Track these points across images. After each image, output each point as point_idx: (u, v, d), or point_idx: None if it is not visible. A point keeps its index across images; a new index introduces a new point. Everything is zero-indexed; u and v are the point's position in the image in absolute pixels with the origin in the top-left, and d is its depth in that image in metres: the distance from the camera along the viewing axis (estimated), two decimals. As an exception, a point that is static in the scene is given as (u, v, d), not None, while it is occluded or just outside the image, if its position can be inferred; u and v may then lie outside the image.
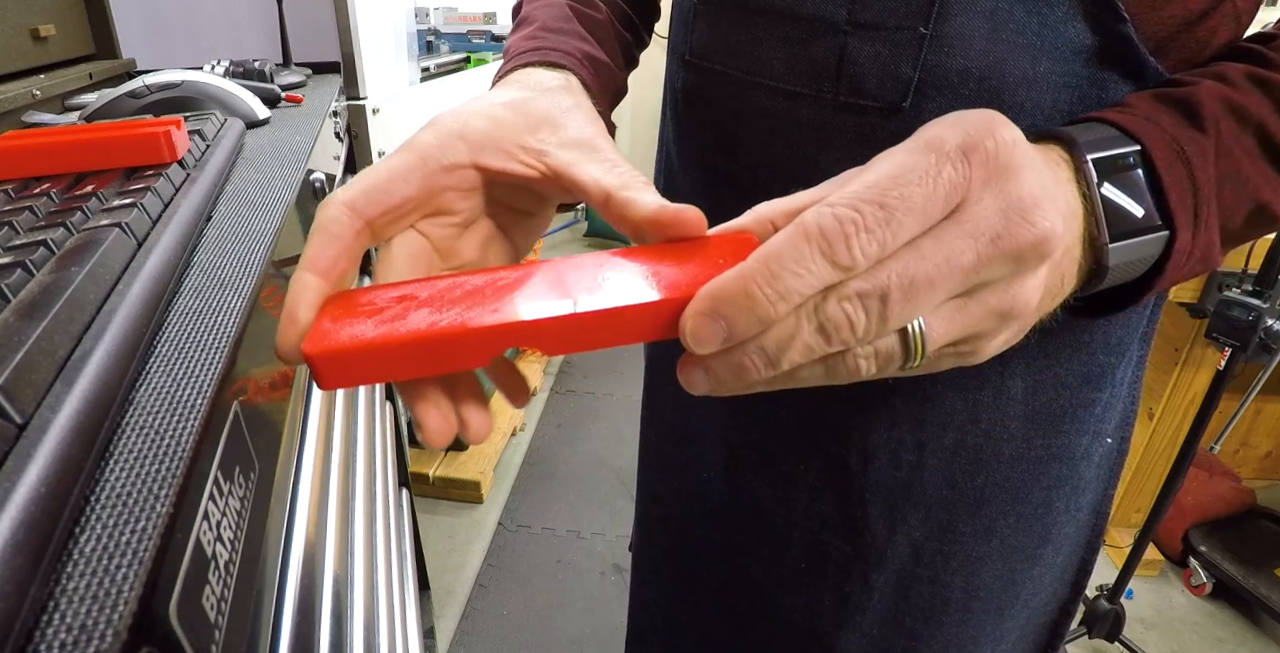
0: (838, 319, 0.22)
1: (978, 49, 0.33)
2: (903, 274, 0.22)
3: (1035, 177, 0.23)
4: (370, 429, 0.62)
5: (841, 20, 0.35)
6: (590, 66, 0.38)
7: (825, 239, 0.21)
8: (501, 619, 1.40)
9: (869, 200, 0.22)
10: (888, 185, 0.22)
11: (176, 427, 0.24)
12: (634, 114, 3.11)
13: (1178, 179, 0.28)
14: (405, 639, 0.63)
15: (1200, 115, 0.29)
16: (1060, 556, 0.48)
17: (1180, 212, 0.28)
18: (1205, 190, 0.29)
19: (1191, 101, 0.30)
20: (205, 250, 0.39)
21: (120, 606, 0.17)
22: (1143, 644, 1.36)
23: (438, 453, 1.72)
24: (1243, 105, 0.30)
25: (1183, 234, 0.28)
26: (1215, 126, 0.29)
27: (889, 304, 0.22)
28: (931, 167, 0.22)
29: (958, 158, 0.22)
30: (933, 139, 0.23)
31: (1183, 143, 0.29)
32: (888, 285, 0.22)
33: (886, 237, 0.22)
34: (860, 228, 0.21)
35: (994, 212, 0.23)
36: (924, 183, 0.22)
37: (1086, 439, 0.43)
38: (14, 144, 0.45)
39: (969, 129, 0.23)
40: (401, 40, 1.20)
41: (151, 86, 0.72)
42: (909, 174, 0.22)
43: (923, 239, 0.22)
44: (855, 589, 0.46)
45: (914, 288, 0.22)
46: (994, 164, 0.23)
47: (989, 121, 0.23)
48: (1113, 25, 0.32)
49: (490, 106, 0.30)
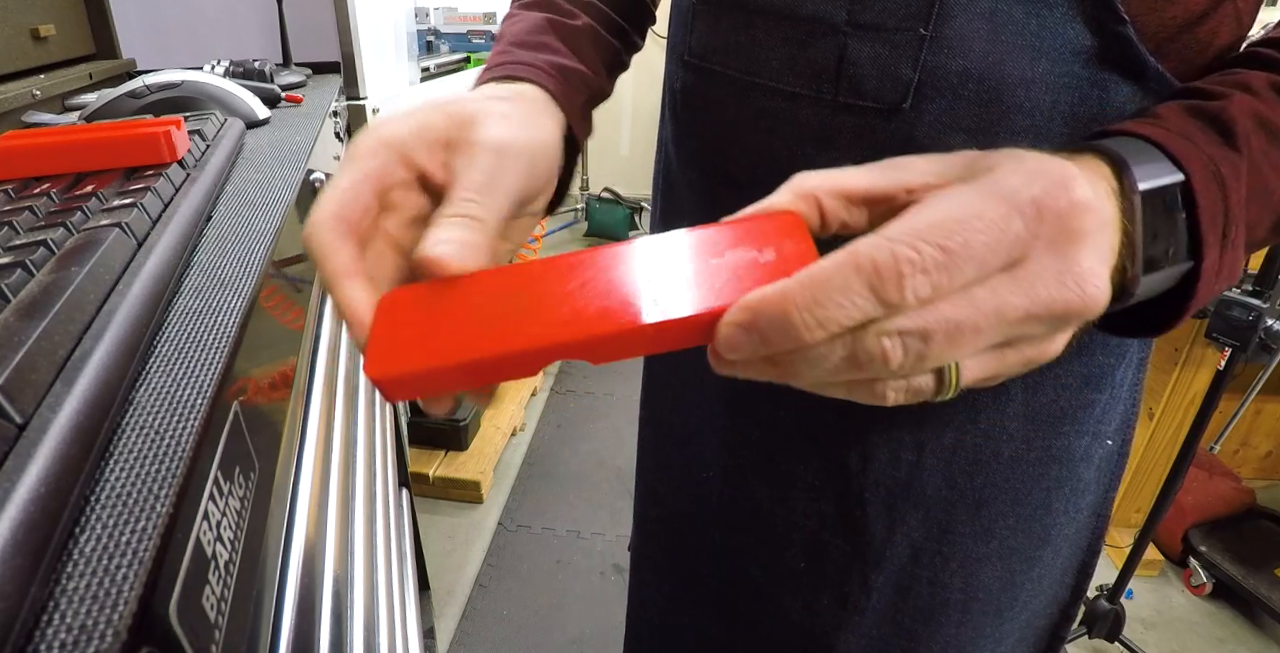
0: (873, 352, 0.22)
1: (977, 50, 0.33)
2: (950, 319, 0.22)
3: (1097, 245, 0.23)
4: (370, 429, 0.62)
5: (841, 21, 0.35)
6: (558, 75, 0.38)
7: (878, 275, 0.21)
8: (501, 619, 1.40)
9: (931, 242, 0.21)
10: (953, 228, 0.21)
11: (176, 427, 0.24)
12: (634, 114, 3.11)
13: (1211, 202, 0.28)
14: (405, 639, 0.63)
15: (1234, 134, 0.29)
16: (1060, 557, 0.48)
17: (1210, 234, 0.28)
18: (1236, 212, 0.28)
19: (1225, 118, 0.29)
20: (205, 250, 0.39)
21: (120, 606, 0.17)
22: (1143, 644, 1.36)
23: (438, 453, 1.72)
24: (1272, 120, 0.30)
25: (1210, 254, 0.28)
26: (1248, 144, 0.29)
27: (930, 345, 0.22)
28: (1001, 218, 0.22)
29: (1030, 213, 0.22)
30: (1007, 190, 0.22)
31: (1219, 163, 0.28)
32: (932, 329, 0.21)
33: (942, 281, 0.21)
34: (916, 269, 0.21)
35: (1053, 274, 0.22)
36: (990, 233, 0.22)
37: (1086, 441, 0.43)
38: (14, 144, 0.45)
39: (1046, 186, 0.23)
40: (401, 40, 1.20)
41: (151, 86, 0.72)
42: (976, 221, 0.22)
43: (978, 288, 0.22)
44: (854, 590, 0.46)
45: (959, 334, 0.22)
46: (1064, 226, 0.22)
47: (1066, 180, 0.23)
48: (1113, 26, 0.32)
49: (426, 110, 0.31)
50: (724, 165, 0.43)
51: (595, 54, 0.43)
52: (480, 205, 0.28)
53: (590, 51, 0.43)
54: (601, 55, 0.44)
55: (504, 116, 0.31)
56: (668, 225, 0.53)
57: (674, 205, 0.51)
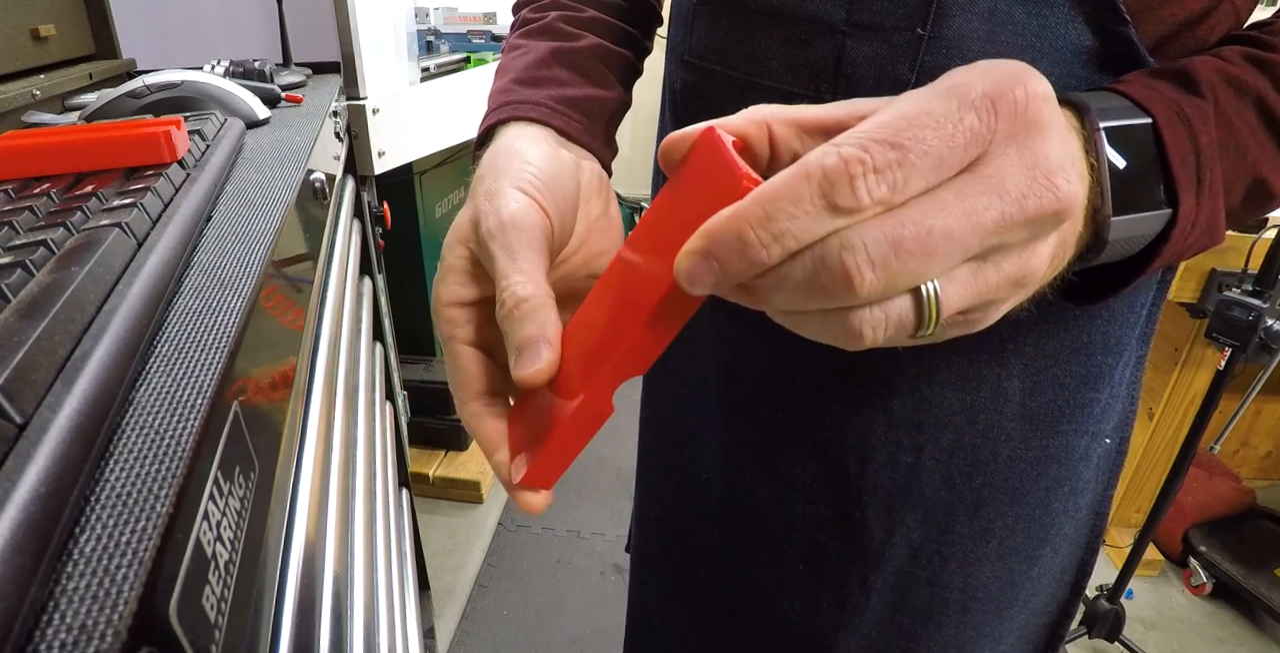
0: (835, 269, 0.20)
1: (976, 50, 0.33)
2: (920, 223, 0.20)
3: (1061, 137, 0.22)
4: (370, 429, 0.62)
5: (840, 21, 0.35)
6: (566, 110, 0.38)
7: (827, 179, 0.20)
8: (501, 619, 1.40)
9: (880, 140, 0.20)
10: (902, 126, 0.20)
11: (176, 427, 0.24)
12: (634, 114, 3.09)
13: (1179, 139, 0.27)
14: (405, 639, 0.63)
15: (1196, 82, 0.29)
16: (1059, 556, 0.48)
17: (1183, 174, 0.27)
18: (1208, 153, 0.28)
19: (1186, 71, 0.29)
20: (205, 250, 0.39)
21: (120, 606, 0.17)
22: (1143, 644, 1.36)
23: (438, 453, 1.72)
24: (1239, 77, 0.29)
25: (1185, 198, 0.27)
26: (1212, 93, 0.29)
27: (901, 256, 0.20)
28: (953, 112, 0.20)
29: (983, 106, 0.21)
30: (957, 85, 0.21)
31: (1181, 104, 0.28)
32: (899, 235, 0.20)
33: (897, 179, 0.20)
34: (868, 168, 0.19)
35: (1019, 169, 0.21)
36: (943, 128, 0.20)
37: (1085, 440, 0.43)
38: (14, 144, 0.45)
39: (998, 78, 0.21)
40: (401, 40, 1.20)
41: (151, 86, 0.72)
42: (927, 117, 0.20)
43: (941, 190, 0.21)
44: (853, 591, 0.46)
45: (931, 241, 0.20)
46: (1021, 117, 0.21)
47: (1020, 72, 0.21)
48: (1114, 26, 0.32)
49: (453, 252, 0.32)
50: None
51: (607, 72, 0.43)
52: (513, 286, 0.28)
53: (601, 71, 0.43)
54: (614, 70, 0.44)
55: (490, 197, 0.31)
56: None
57: None
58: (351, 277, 0.67)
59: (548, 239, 0.31)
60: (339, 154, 0.81)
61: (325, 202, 0.62)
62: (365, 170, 1.07)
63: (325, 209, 0.62)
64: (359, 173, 1.07)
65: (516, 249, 0.29)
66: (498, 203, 0.30)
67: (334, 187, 0.67)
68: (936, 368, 0.39)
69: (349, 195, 0.82)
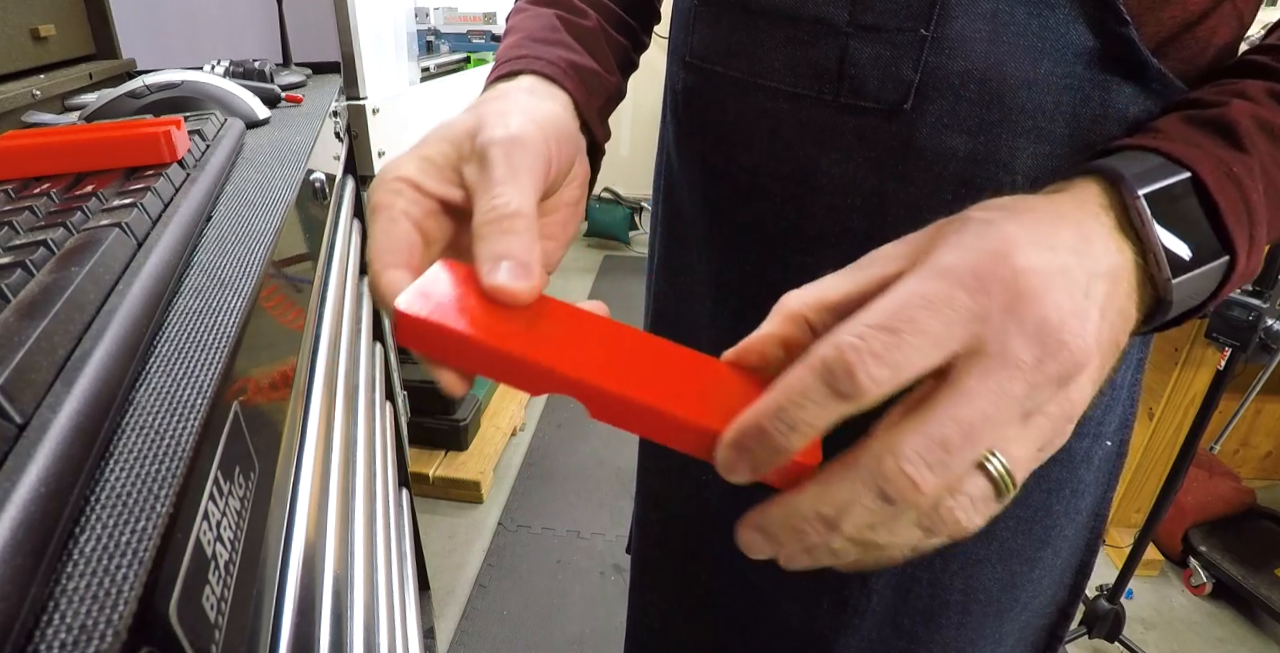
0: (899, 482, 0.21)
1: (979, 51, 0.33)
2: (956, 419, 0.21)
3: (1057, 293, 0.23)
4: (370, 429, 0.62)
5: (843, 22, 0.35)
6: (575, 75, 0.38)
7: (828, 369, 0.21)
8: (501, 619, 1.40)
9: (875, 325, 0.21)
10: (895, 310, 0.22)
11: (176, 427, 0.24)
12: (634, 114, 3.11)
13: (1232, 202, 0.27)
14: (405, 639, 0.63)
15: (1238, 135, 0.29)
16: (1059, 558, 0.48)
17: (1239, 235, 0.27)
18: (1258, 212, 0.28)
19: (1226, 121, 0.29)
20: (205, 250, 0.39)
21: (120, 606, 0.17)
22: (1143, 644, 1.36)
23: (438, 453, 1.72)
24: (1273, 123, 0.29)
25: (1240, 258, 0.28)
26: (1254, 145, 0.29)
27: (952, 451, 0.21)
28: (944, 292, 0.22)
29: (972, 284, 0.22)
30: (944, 268, 0.23)
31: (1230, 163, 0.28)
32: (945, 436, 0.21)
33: (898, 361, 0.21)
34: (865, 354, 0.21)
35: (1026, 339, 0.22)
36: (935, 308, 0.22)
37: (1086, 442, 0.43)
38: (14, 144, 0.45)
39: (982, 257, 0.23)
40: (401, 40, 1.20)
41: (151, 86, 0.72)
42: (918, 299, 0.22)
43: (962, 378, 0.22)
44: (854, 592, 0.46)
45: (973, 429, 0.21)
46: (1012, 291, 0.22)
47: (1003, 250, 0.23)
48: (1114, 27, 0.32)
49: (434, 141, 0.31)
50: (725, 166, 0.43)
51: (608, 54, 0.43)
52: (508, 197, 0.27)
53: (604, 51, 0.42)
54: (614, 55, 0.44)
55: (500, 114, 0.31)
56: (668, 226, 0.52)
57: (674, 206, 0.51)
58: (351, 277, 0.67)
59: (545, 176, 0.30)
60: (339, 154, 0.81)
61: (325, 202, 0.62)
62: (365, 170, 1.07)
63: (325, 209, 0.62)
64: (359, 173, 1.07)
65: (519, 166, 0.28)
66: (509, 121, 0.30)
67: (334, 187, 0.67)
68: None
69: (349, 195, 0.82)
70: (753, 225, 0.43)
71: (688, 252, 0.50)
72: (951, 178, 0.36)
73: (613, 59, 0.43)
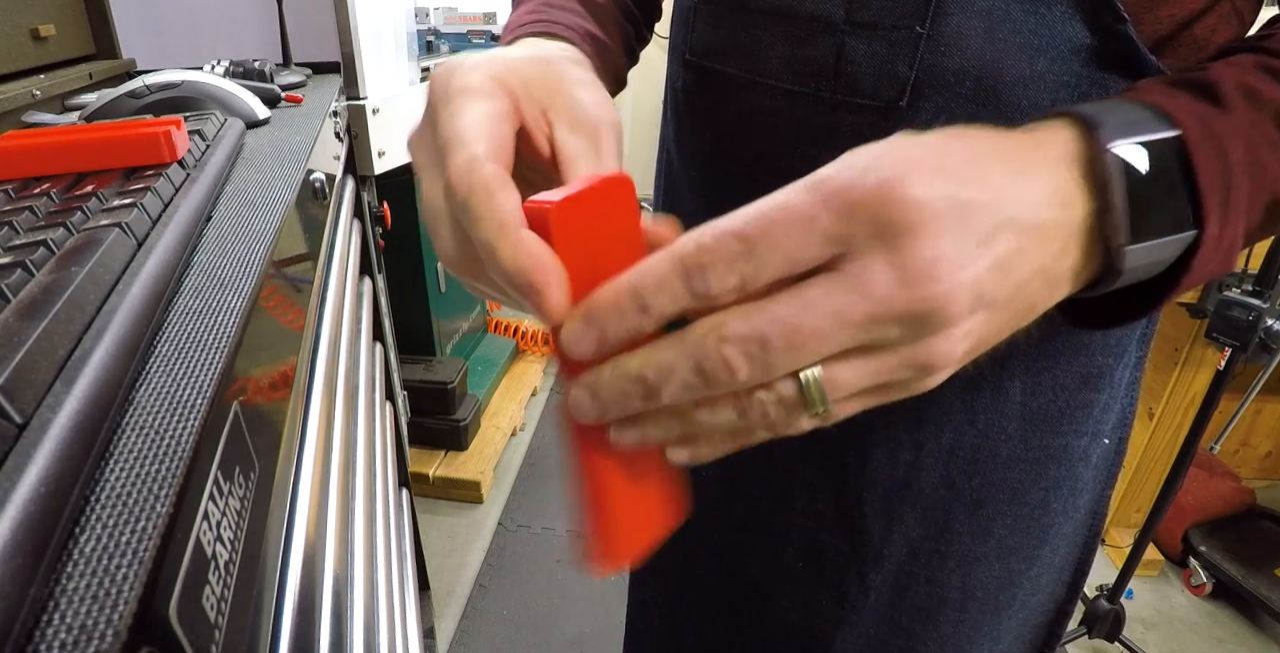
0: (715, 360, 0.22)
1: (974, 48, 0.33)
2: (786, 322, 0.21)
3: (941, 231, 0.21)
4: (370, 429, 0.62)
5: (839, 19, 0.35)
6: (593, 44, 0.37)
7: (682, 264, 0.22)
8: (501, 619, 1.40)
9: (734, 232, 0.21)
10: (756, 221, 0.21)
11: (176, 427, 0.24)
12: (634, 114, 3.11)
13: (1209, 159, 0.25)
14: (405, 639, 0.63)
15: (1220, 94, 0.27)
16: (1057, 556, 0.48)
17: (1210, 196, 0.25)
18: (1236, 173, 0.26)
19: (1208, 81, 0.27)
20: (205, 250, 0.39)
21: (120, 606, 0.17)
22: (1143, 644, 1.36)
23: (438, 453, 1.72)
24: (1257, 89, 0.27)
25: (1211, 222, 0.25)
26: (1235, 106, 0.26)
27: (770, 352, 0.21)
28: (809, 212, 0.21)
29: (841, 210, 0.21)
30: (819, 183, 0.22)
31: (1210, 119, 0.26)
32: (767, 333, 0.21)
33: (746, 272, 0.21)
34: (717, 259, 0.21)
35: (885, 269, 0.21)
36: (792, 223, 0.21)
37: (1084, 440, 0.43)
38: (14, 144, 0.45)
39: (866, 179, 0.21)
40: (401, 40, 1.20)
41: (151, 86, 0.72)
42: (777, 212, 0.21)
43: (809, 287, 0.21)
44: (852, 589, 0.46)
45: (797, 338, 0.21)
46: (884, 220, 0.21)
47: (893, 178, 0.21)
48: (1112, 24, 0.32)
49: (518, 61, 0.29)
50: (724, 164, 0.44)
51: (617, 35, 0.43)
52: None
53: (613, 30, 0.42)
54: (621, 37, 0.43)
55: (591, 84, 0.30)
56: None
57: (674, 205, 0.51)
58: (351, 277, 0.67)
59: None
60: (339, 154, 0.81)
61: (325, 202, 0.62)
62: (365, 170, 1.07)
63: (325, 209, 0.62)
64: (359, 173, 1.07)
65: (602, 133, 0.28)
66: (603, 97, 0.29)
67: (334, 187, 0.67)
68: None
69: (349, 195, 0.82)
70: None
71: None
72: None
73: (620, 41, 0.43)
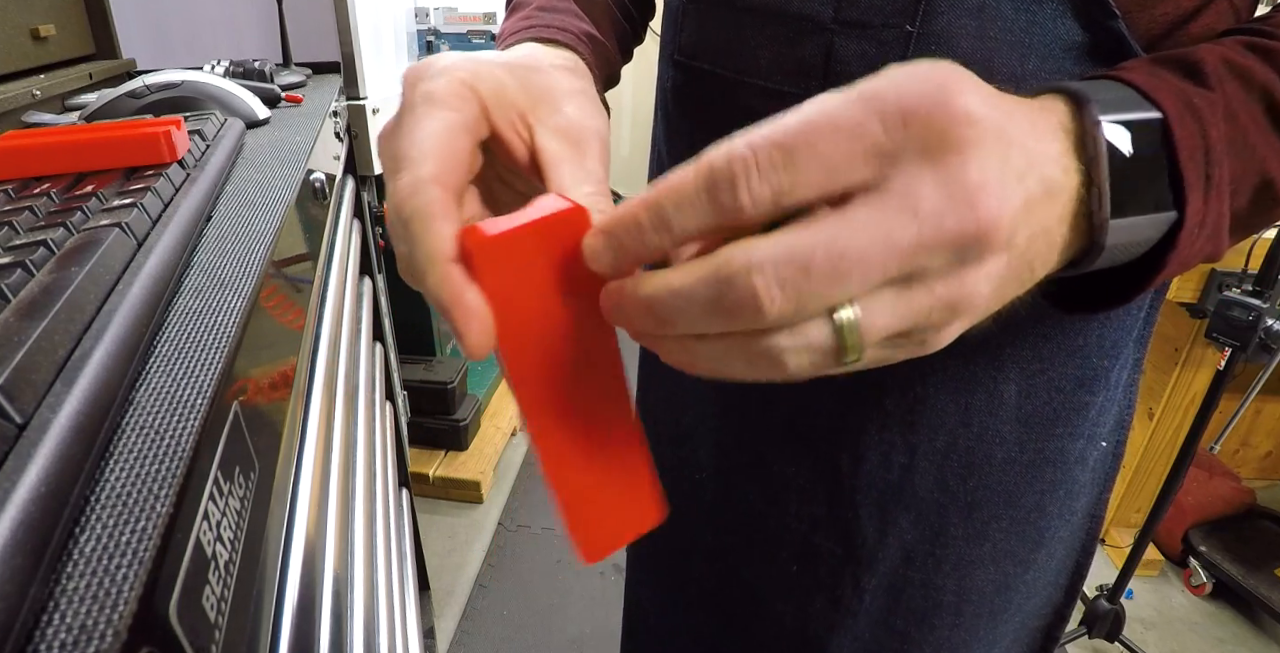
0: (741, 291, 0.19)
1: (965, 47, 0.33)
2: (831, 245, 0.19)
3: (988, 155, 0.20)
4: (370, 429, 0.62)
5: (828, 19, 0.35)
6: (590, 45, 0.36)
7: (712, 176, 0.20)
8: (501, 619, 1.40)
9: (771, 141, 0.19)
10: (799, 129, 0.19)
11: (176, 427, 0.24)
12: (634, 114, 3.11)
13: (1189, 134, 0.25)
14: (405, 639, 0.63)
15: (1203, 72, 0.26)
16: (1054, 559, 0.47)
17: (1191, 171, 0.25)
18: (1217, 149, 0.25)
19: (1192, 59, 0.27)
20: (205, 250, 0.39)
21: (120, 606, 0.17)
22: (1143, 644, 1.36)
23: (438, 453, 1.72)
24: (1246, 68, 0.27)
25: (1193, 198, 0.25)
26: (1220, 85, 0.26)
27: (811, 278, 0.19)
28: (858, 121, 0.19)
29: (892, 120, 0.19)
30: (873, 93, 0.20)
31: (1190, 95, 0.25)
32: (811, 255, 0.19)
33: (782, 183, 0.19)
34: (750, 167, 0.19)
35: (935, 187, 0.19)
36: (840, 134, 0.19)
37: (1081, 443, 0.43)
38: (14, 144, 0.45)
39: (921, 90, 0.20)
40: (401, 40, 1.20)
41: (151, 86, 0.72)
42: (824, 121, 0.20)
43: (854, 208, 0.20)
44: (846, 592, 0.46)
45: (844, 264, 0.19)
46: (936, 135, 0.20)
47: (948, 86, 0.20)
48: (1104, 22, 0.32)
49: (494, 64, 0.28)
50: None
51: (612, 33, 0.42)
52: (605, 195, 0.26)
53: (608, 28, 0.42)
54: (616, 35, 0.43)
55: (581, 93, 0.29)
56: None
57: None
58: (351, 277, 0.67)
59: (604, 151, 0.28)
60: (339, 154, 0.81)
61: (325, 201, 0.62)
62: (365, 170, 1.07)
63: (325, 209, 0.62)
64: (359, 173, 1.07)
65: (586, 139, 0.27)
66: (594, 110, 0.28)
67: (334, 186, 0.67)
68: (931, 369, 0.39)
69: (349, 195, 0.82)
70: None
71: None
72: None
73: (615, 39, 0.43)
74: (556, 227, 0.23)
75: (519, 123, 0.27)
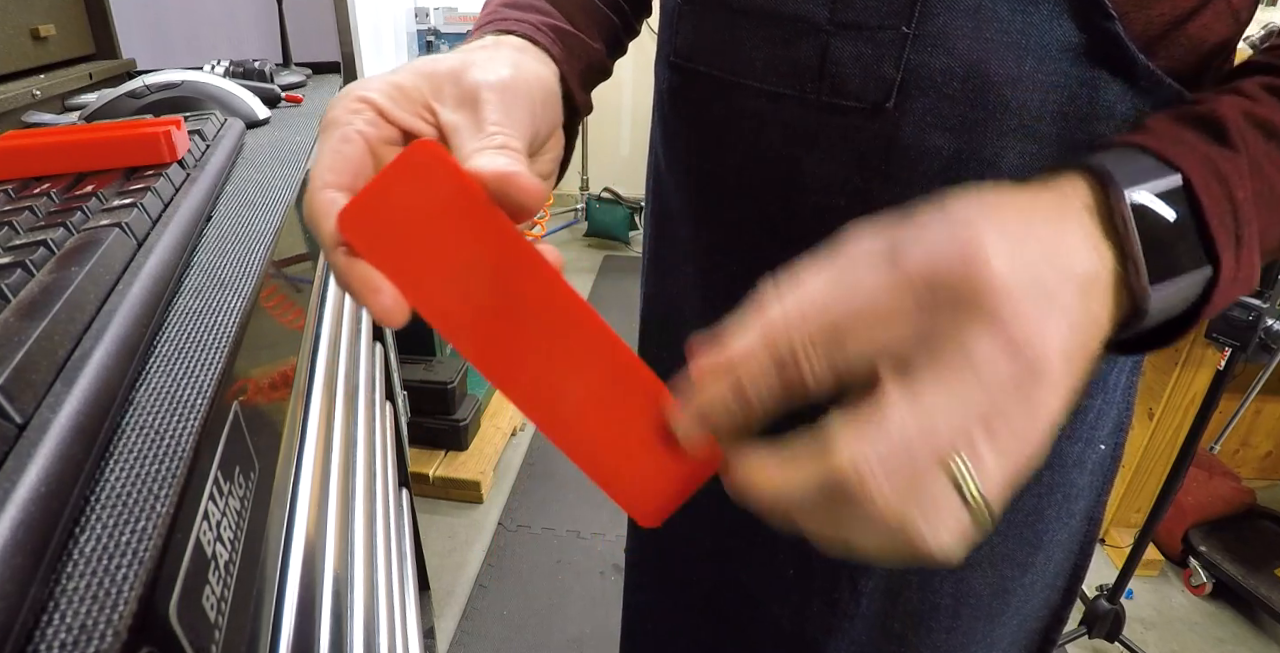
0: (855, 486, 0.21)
1: (961, 48, 0.33)
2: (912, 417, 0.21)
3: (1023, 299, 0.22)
4: (370, 429, 0.62)
5: (824, 20, 0.35)
6: (551, 33, 0.36)
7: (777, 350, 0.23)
8: (501, 619, 1.40)
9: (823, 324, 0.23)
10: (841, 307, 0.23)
11: (176, 427, 0.24)
12: (634, 114, 3.11)
13: (1216, 200, 0.26)
14: (405, 639, 0.63)
15: (1226, 131, 0.27)
16: (1052, 562, 0.47)
17: (1221, 234, 0.26)
18: (1245, 210, 0.27)
19: (1214, 118, 0.28)
20: (205, 250, 0.39)
21: (120, 606, 0.17)
22: (1143, 644, 1.35)
23: (438, 453, 1.72)
24: (1267, 118, 0.28)
25: (1225, 258, 0.26)
26: (1243, 141, 0.27)
27: (914, 457, 0.21)
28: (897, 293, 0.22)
29: (926, 291, 0.22)
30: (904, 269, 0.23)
31: (1217, 160, 0.27)
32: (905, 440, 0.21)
33: (838, 361, 0.22)
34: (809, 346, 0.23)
35: (981, 341, 0.22)
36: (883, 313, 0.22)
37: (1079, 446, 0.43)
38: (14, 144, 0.45)
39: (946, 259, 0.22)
40: (401, 40, 1.20)
41: (151, 86, 0.72)
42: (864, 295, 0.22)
43: (923, 389, 0.22)
44: (844, 595, 0.46)
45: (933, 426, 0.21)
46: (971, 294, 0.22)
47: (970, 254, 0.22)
48: (1100, 22, 0.32)
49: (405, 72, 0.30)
50: (709, 166, 0.43)
51: (590, 24, 0.42)
52: (505, 138, 0.27)
53: (584, 19, 0.41)
54: (598, 27, 0.42)
55: (491, 61, 0.30)
56: (657, 227, 0.52)
57: (663, 206, 0.51)
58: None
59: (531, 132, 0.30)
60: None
61: (325, 202, 0.62)
62: (365, 170, 1.07)
63: (325, 209, 0.62)
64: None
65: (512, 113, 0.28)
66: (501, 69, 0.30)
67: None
68: None
69: (349, 195, 0.82)
70: (738, 226, 0.43)
71: (676, 253, 0.50)
72: (937, 177, 0.36)
73: (595, 30, 0.42)
74: (405, 173, 0.22)
75: (424, 112, 0.29)
